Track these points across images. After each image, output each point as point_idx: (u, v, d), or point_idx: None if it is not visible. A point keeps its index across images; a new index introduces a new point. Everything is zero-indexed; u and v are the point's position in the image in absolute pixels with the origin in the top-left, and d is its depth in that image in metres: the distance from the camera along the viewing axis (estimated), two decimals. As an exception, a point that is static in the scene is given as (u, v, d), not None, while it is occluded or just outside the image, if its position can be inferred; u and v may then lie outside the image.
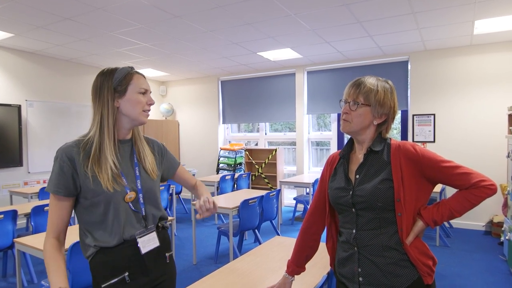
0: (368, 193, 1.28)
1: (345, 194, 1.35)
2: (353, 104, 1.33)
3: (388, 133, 1.39)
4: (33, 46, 5.34)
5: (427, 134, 5.65)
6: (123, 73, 1.35)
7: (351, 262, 1.33)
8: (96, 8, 3.79)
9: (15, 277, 3.64)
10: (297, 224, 5.79)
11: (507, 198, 4.21)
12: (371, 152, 1.34)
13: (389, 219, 1.27)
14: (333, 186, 1.41)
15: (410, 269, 1.25)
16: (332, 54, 5.90)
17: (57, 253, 1.29)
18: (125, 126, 1.39)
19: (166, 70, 7.17)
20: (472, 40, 5.04)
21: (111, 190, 1.29)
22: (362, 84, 1.33)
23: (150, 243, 1.38)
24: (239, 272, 1.92)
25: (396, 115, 1.38)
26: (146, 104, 1.39)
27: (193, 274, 3.76)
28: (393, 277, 1.25)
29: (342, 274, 1.38)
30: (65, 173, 1.27)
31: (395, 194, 1.25)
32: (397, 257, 1.25)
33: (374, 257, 1.27)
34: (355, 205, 1.32)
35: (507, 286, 3.37)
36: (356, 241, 1.32)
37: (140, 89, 1.37)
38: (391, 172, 1.27)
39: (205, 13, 3.97)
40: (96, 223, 1.31)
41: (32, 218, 3.45)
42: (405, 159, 1.28)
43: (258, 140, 7.78)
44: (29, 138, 5.67)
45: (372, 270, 1.28)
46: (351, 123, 1.34)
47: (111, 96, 1.33)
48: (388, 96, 1.33)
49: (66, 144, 1.31)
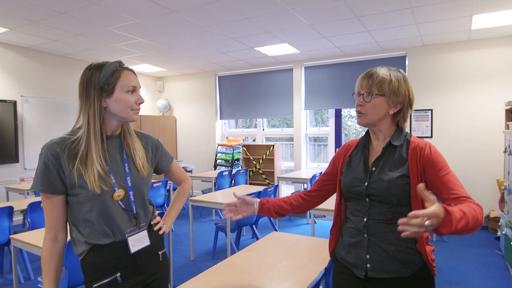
0: (384, 186, 1.28)
1: (360, 184, 1.35)
2: (367, 96, 1.32)
3: (405, 122, 1.38)
4: (28, 41, 5.28)
5: (425, 129, 5.65)
6: (110, 70, 1.28)
7: (359, 248, 1.34)
8: (91, 3, 3.75)
9: (11, 273, 3.63)
10: (295, 220, 5.80)
11: (504, 193, 4.23)
12: (389, 146, 1.34)
13: (404, 213, 1.22)
14: (349, 174, 1.41)
15: (417, 259, 1.28)
16: (329, 49, 5.88)
17: (50, 259, 1.28)
18: (114, 124, 1.35)
19: (163, 65, 7.13)
20: (469, 35, 5.03)
21: (98, 191, 1.24)
22: (374, 75, 1.33)
23: (141, 242, 1.36)
24: (236, 268, 1.91)
25: (413, 104, 1.36)
26: (135, 103, 1.33)
27: (190, 270, 3.76)
28: (401, 264, 1.27)
29: (346, 260, 1.39)
30: (51, 171, 1.24)
31: (411, 191, 1.25)
32: (408, 248, 1.28)
33: (384, 245, 1.29)
34: (369, 196, 1.32)
35: (503, 281, 3.39)
36: (367, 228, 1.32)
37: (128, 87, 1.30)
38: (409, 168, 1.27)
39: (202, 8, 3.94)
40: (84, 220, 1.28)
41: (29, 214, 3.43)
42: (422, 158, 1.28)
43: (255, 135, 7.76)
44: (25, 134, 5.63)
45: (381, 257, 1.29)
46: (367, 115, 1.34)
47: (98, 96, 1.26)
48: (402, 85, 1.33)
49: (51, 141, 1.26)
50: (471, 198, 1.18)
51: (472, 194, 4.67)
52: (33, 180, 1.27)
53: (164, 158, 1.58)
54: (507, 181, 4.10)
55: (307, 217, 5.76)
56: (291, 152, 7.41)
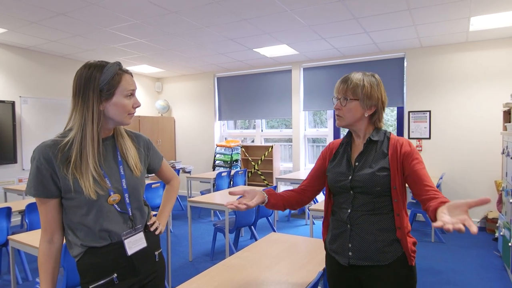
0: (366, 178, 1.40)
1: (344, 178, 1.46)
2: (343, 100, 1.45)
3: (381, 122, 1.49)
4: (27, 41, 5.28)
5: (423, 130, 5.67)
6: (111, 73, 1.25)
7: (343, 238, 1.46)
8: (90, 4, 3.75)
9: (9, 274, 3.61)
10: (293, 221, 5.80)
11: (502, 194, 4.24)
12: (370, 142, 1.46)
13: (384, 203, 1.40)
14: (334, 170, 1.53)
15: (396, 247, 1.39)
16: (328, 51, 5.89)
17: (47, 261, 1.28)
18: (109, 127, 1.34)
19: (162, 66, 7.13)
20: (468, 36, 5.05)
21: (94, 197, 1.23)
22: (349, 80, 1.44)
23: (137, 244, 1.36)
24: (235, 269, 1.91)
25: (385, 105, 1.49)
26: (132, 107, 1.32)
27: (189, 271, 3.75)
28: (380, 253, 1.38)
29: (333, 249, 1.52)
30: (44, 175, 1.21)
31: (391, 182, 1.38)
32: (387, 237, 1.39)
33: (365, 235, 1.41)
34: (353, 189, 1.43)
35: (501, 282, 3.40)
36: (350, 219, 1.44)
37: (127, 91, 1.29)
38: (389, 162, 1.40)
39: (201, 9, 3.94)
40: (79, 223, 1.27)
41: (27, 215, 3.42)
42: (402, 153, 1.40)
43: (254, 136, 7.77)
44: (23, 134, 5.62)
45: (362, 246, 1.41)
46: (344, 117, 1.47)
47: (97, 99, 1.23)
48: (374, 89, 1.43)
49: (43, 144, 1.22)
50: (440, 192, 1.33)
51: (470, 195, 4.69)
52: (27, 184, 1.25)
53: (155, 157, 1.58)
54: (505, 182, 4.11)
55: (305, 218, 5.76)
56: (290, 153, 7.42)
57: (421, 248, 4.32)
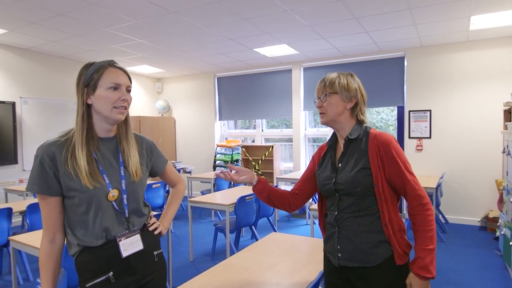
0: (347, 181, 1.41)
1: (329, 182, 1.49)
2: (324, 97, 1.48)
3: (364, 116, 1.50)
4: (27, 42, 5.28)
5: (423, 130, 5.66)
6: (95, 68, 1.29)
7: (332, 239, 1.49)
8: (90, 4, 3.75)
9: (10, 275, 3.62)
10: (294, 221, 5.80)
11: (502, 193, 4.24)
12: (350, 141, 1.47)
13: (369, 203, 1.40)
14: (321, 174, 1.55)
15: (384, 248, 1.38)
16: (328, 50, 5.89)
17: (48, 261, 1.28)
18: (101, 123, 1.33)
19: (162, 66, 7.13)
20: (468, 36, 5.04)
21: (90, 187, 1.24)
22: (325, 79, 1.49)
23: (133, 246, 1.35)
24: (235, 269, 1.91)
25: (365, 98, 1.52)
26: (119, 99, 1.29)
27: (189, 271, 3.75)
28: (367, 255, 1.39)
29: (327, 250, 1.56)
30: (47, 172, 1.23)
31: (373, 180, 1.37)
32: (374, 239, 1.39)
33: (352, 236, 1.42)
34: (337, 191, 1.45)
35: (502, 281, 3.39)
36: (337, 222, 1.46)
37: (110, 84, 1.28)
38: (369, 160, 1.39)
39: (201, 9, 3.95)
40: (78, 222, 1.28)
41: (28, 216, 3.43)
42: (382, 147, 1.39)
43: (254, 136, 7.77)
44: (24, 135, 5.62)
45: (349, 247, 1.42)
46: (326, 113, 1.48)
47: (82, 92, 1.28)
48: (350, 80, 1.47)
49: (47, 142, 1.26)
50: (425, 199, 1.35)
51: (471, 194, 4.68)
52: (29, 181, 1.26)
53: (159, 160, 1.58)
54: (506, 181, 4.11)
55: (306, 218, 5.76)
56: (290, 153, 7.41)
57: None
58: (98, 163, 1.30)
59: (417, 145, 5.70)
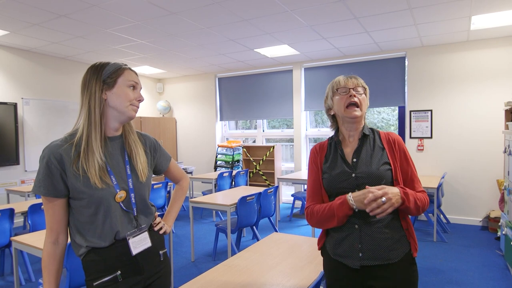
0: (373, 172, 1.42)
1: (346, 177, 1.45)
2: (362, 91, 1.51)
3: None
4: (29, 43, 5.30)
5: (424, 130, 5.66)
6: (114, 67, 1.33)
7: (351, 239, 1.42)
8: (91, 5, 3.76)
9: (12, 275, 3.63)
10: (295, 221, 5.80)
11: (504, 193, 4.23)
12: (364, 136, 1.51)
13: None
14: (332, 172, 1.50)
15: (404, 243, 1.41)
16: (329, 51, 5.89)
17: (51, 262, 1.28)
18: (113, 120, 1.34)
19: (163, 67, 7.14)
20: (469, 35, 5.04)
21: (100, 186, 1.25)
22: (356, 76, 1.53)
23: (142, 244, 1.36)
24: (237, 269, 1.92)
25: None
26: (135, 99, 1.35)
27: (191, 271, 3.76)
28: (390, 250, 1.39)
29: (339, 254, 1.46)
30: (54, 174, 1.23)
31: (393, 175, 1.43)
32: (395, 234, 1.41)
33: (374, 234, 1.39)
34: (359, 186, 1.41)
35: (504, 281, 3.39)
36: (358, 219, 1.41)
37: (129, 82, 1.33)
38: (388, 156, 1.45)
39: (202, 10, 3.95)
40: (87, 223, 1.28)
41: (29, 216, 3.44)
42: (397, 144, 1.48)
43: (255, 137, 7.77)
44: (26, 136, 5.64)
45: (372, 246, 1.39)
46: (361, 109, 1.49)
47: (99, 88, 1.29)
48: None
49: (53, 143, 1.25)
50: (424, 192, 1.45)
51: (472, 194, 4.68)
52: (35, 183, 1.26)
53: (162, 159, 1.58)
54: (507, 181, 4.11)
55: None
56: (291, 153, 7.41)
57: (423, 248, 4.32)
58: (106, 164, 1.30)
59: (418, 145, 5.70)
